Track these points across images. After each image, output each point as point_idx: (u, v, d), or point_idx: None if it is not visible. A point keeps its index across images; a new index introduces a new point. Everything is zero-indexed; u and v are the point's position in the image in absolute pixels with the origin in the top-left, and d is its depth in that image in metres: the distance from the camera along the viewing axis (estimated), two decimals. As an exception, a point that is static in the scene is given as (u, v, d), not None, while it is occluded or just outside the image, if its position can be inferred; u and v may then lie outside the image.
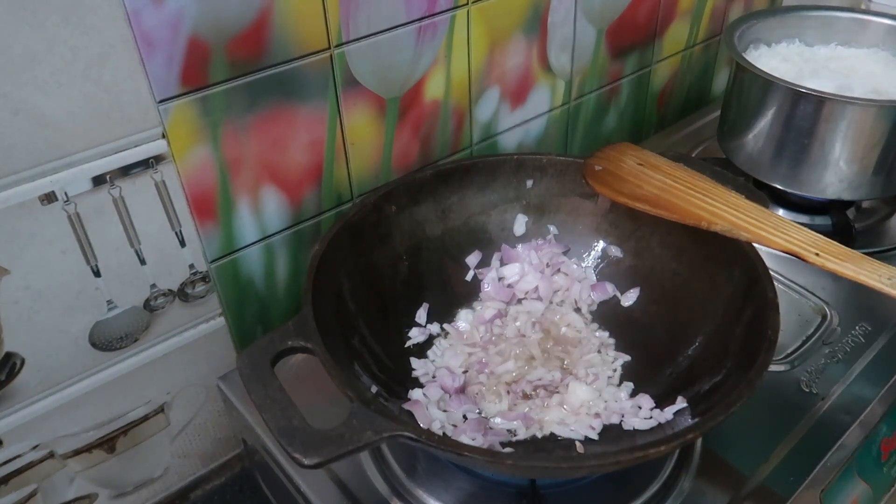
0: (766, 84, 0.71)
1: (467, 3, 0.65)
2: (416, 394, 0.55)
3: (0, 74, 0.43)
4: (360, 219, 0.58)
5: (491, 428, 0.53)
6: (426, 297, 0.63)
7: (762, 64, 0.73)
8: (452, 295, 0.64)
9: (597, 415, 0.54)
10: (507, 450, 0.51)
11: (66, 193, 0.49)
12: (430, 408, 0.54)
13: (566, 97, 0.81)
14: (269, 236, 0.62)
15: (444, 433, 0.52)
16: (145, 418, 0.61)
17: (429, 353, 0.60)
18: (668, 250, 0.61)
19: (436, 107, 0.68)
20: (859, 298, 0.67)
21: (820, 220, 0.76)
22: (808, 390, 0.59)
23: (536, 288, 0.64)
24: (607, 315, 0.63)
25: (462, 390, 0.56)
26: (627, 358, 0.59)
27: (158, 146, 0.52)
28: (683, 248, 0.60)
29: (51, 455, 0.57)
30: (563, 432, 0.53)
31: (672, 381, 0.55)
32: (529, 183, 0.65)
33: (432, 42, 0.64)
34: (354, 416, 0.42)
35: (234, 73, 0.53)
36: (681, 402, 0.51)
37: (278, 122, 0.57)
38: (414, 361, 0.59)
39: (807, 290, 0.68)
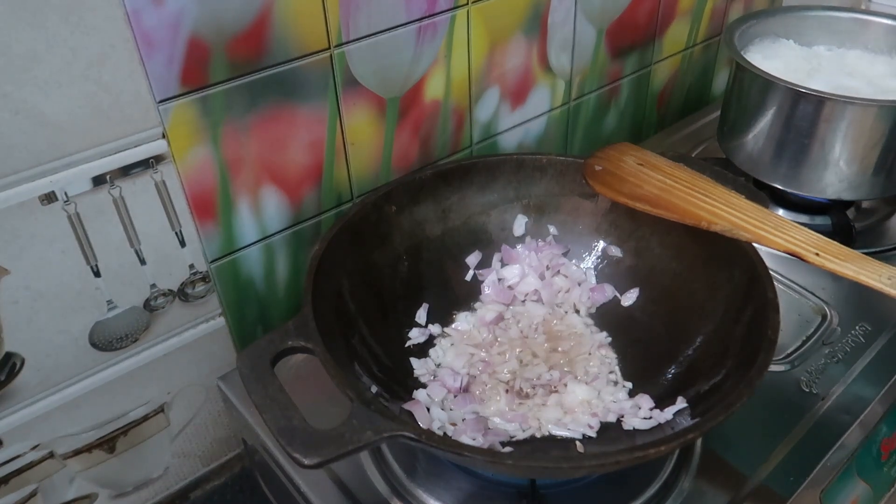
0: (766, 84, 0.71)
1: (467, 3, 0.65)
2: (419, 394, 0.55)
3: (0, 74, 0.43)
4: (360, 219, 0.58)
5: (490, 428, 0.53)
6: (426, 297, 0.63)
7: (762, 64, 0.73)
8: (452, 295, 0.64)
9: (594, 413, 0.54)
10: (507, 449, 0.51)
11: (66, 193, 0.49)
12: (432, 408, 0.54)
13: (566, 97, 0.81)
14: (269, 236, 0.62)
15: (444, 433, 0.52)
16: (145, 418, 0.61)
17: (430, 352, 0.60)
18: (668, 250, 0.61)
19: (436, 107, 0.68)
20: (859, 298, 0.67)
21: (820, 220, 0.76)
22: (808, 390, 0.59)
23: (536, 290, 0.64)
24: (607, 315, 0.63)
25: (464, 390, 0.56)
26: (626, 358, 0.59)
27: (158, 146, 0.52)
28: (683, 248, 0.60)
29: (51, 455, 0.57)
30: (560, 431, 0.53)
31: (672, 381, 0.55)
32: (529, 183, 0.65)
33: (432, 42, 0.64)
34: (354, 416, 0.42)
35: (234, 73, 0.53)
36: (681, 402, 0.51)
37: (278, 122, 0.57)
38: (414, 361, 0.59)
39: (807, 290, 0.68)
